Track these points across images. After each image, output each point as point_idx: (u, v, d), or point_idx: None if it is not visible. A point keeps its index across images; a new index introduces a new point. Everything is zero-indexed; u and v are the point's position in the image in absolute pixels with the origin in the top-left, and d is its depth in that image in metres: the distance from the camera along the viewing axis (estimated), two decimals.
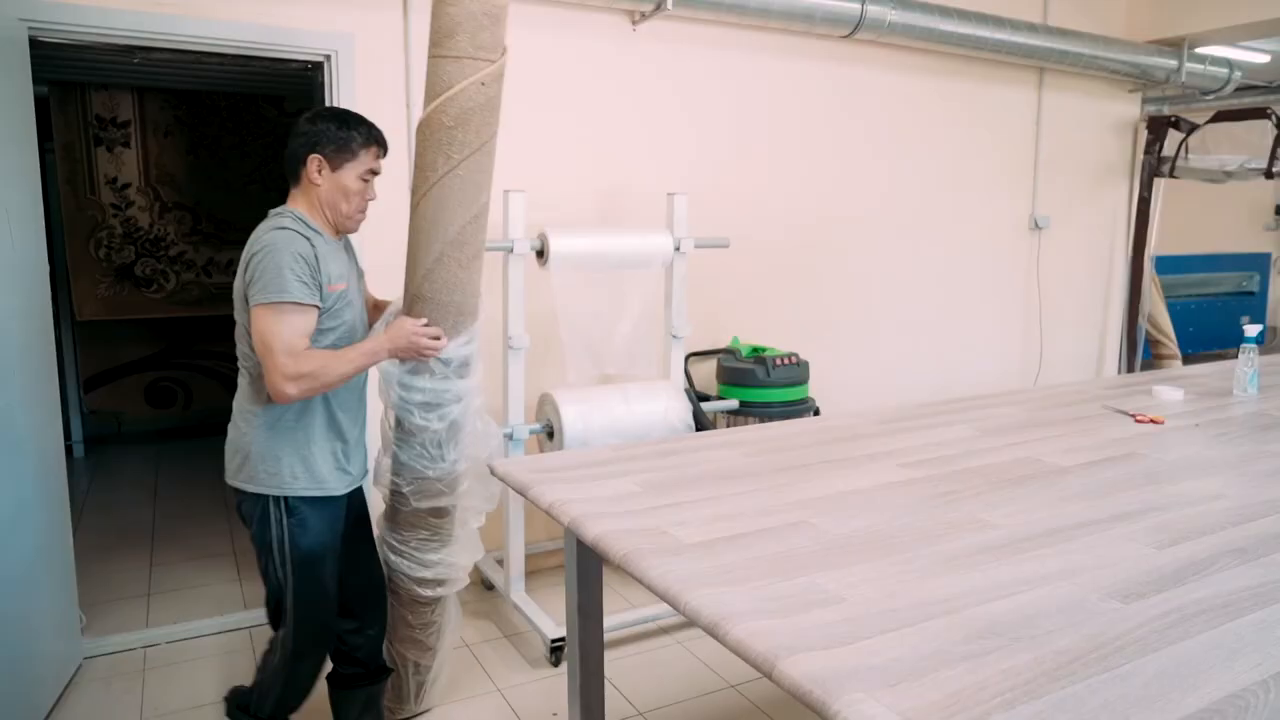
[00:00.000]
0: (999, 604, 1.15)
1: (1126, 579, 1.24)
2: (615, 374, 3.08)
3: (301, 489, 1.94)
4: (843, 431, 2.12)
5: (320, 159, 1.92)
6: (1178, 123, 4.83)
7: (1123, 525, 1.46)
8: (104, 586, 3.26)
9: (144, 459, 5.01)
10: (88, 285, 5.01)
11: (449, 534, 2.26)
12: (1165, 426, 2.18)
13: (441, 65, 1.97)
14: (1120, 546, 1.37)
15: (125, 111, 4.95)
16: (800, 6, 3.50)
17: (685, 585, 1.21)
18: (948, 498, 1.61)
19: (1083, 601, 1.16)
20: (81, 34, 2.59)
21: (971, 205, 4.51)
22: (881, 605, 1.15)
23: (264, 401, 1.91)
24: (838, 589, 1.20)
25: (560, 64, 3.33)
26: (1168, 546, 1.37)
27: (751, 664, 1.03)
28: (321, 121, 1.93)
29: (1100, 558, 1.32)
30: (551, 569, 3.43)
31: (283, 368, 1.80)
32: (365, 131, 1.97)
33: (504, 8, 2.00)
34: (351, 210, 1.98)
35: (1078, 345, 5.08)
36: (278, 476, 1.93)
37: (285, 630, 2.02)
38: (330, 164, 1.93)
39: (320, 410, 1.97)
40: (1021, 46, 4.12)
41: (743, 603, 1.15)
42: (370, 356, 1.96)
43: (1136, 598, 1.18)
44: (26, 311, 2.43)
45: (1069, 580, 1.23)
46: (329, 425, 1.99)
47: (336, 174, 1.94)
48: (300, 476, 1.94)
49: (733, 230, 3.49)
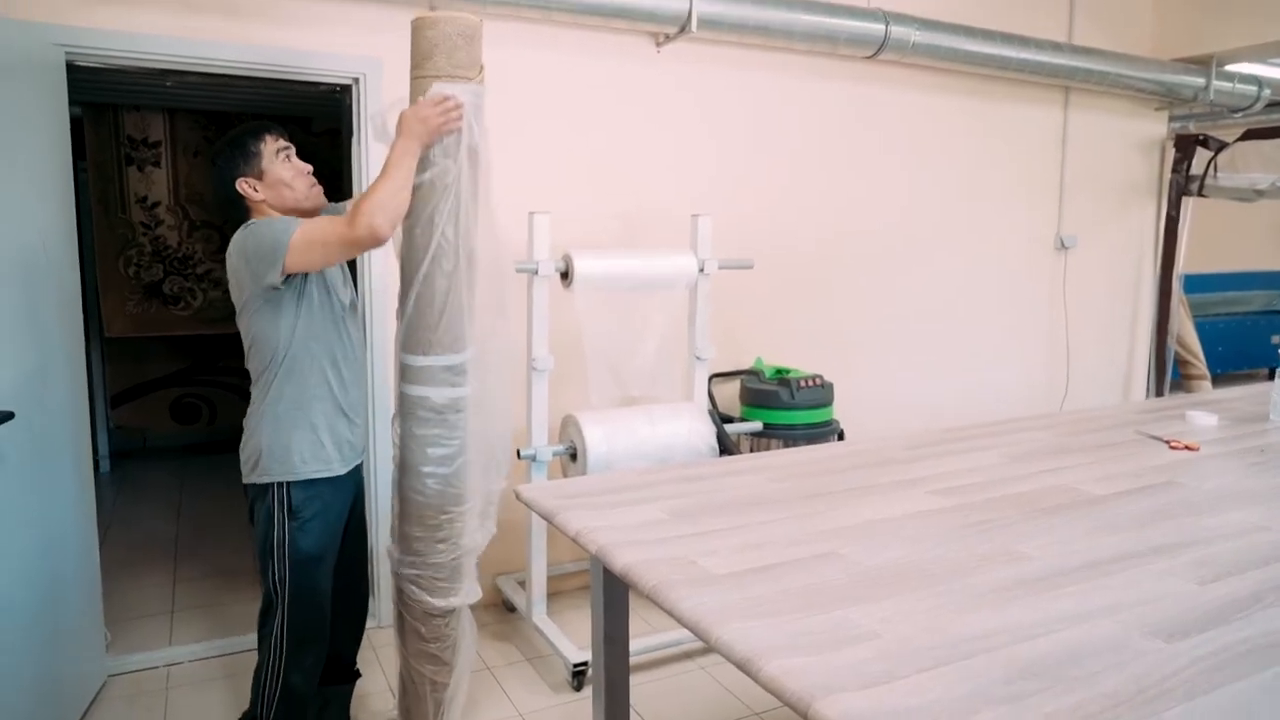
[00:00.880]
0: (1039, 642, 1.13)
1: (1169, 616, 1.21)
2: (639, 395, 3.08)
3: (311, 471, 2.01)
4: (870, 457, 2.10)
5: (244, 180, 2.03)
6: (1206, 141, 4.78)
7: (1163, 558, 1.43)
8: (128, 603, 3.28)
9: (168, 474, 5.06)
10: (117, 302, 5.08)
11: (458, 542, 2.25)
12: (1201, 453, 2.14)
13: (422, 84, 2.05)
14: (1161, 581, 1.34)
15: (156, 132, 5.03)
16: (824, 28, 3.50)
17: (716, 619, 1.19)
18: (980, 527, 1.59)
19: (1125, 640, 1.13)
20: (117, 58, 2.63)
21: (996, 225, 4.48)
22: (917, 642, 1.13)
23: (269, 394, 2.00)
24: (871, 624, 1.18)
25: (585, 86, 3.34)
26: (1210, 582, 1.33)
27: (785, 703, 1.01)
28: (219, 160, 2.05)
29: (1141, 593, 1.29)
30: (574, 590, 3.41)
31: (343, 229, 1.87)
32: (250, 132, 2.06)
33: (478, 28, 2.08)
34: (301, 190, 2.07)
35: (1105, 366, 5.01)
36: (287, 463, 2.00)
37: (276, 635, 2.05)
38: (253, 175, 2.03)
39: (326, 391, 2.04)
40: (1046, 66, 4.10)
41: (775, 638, 1.13)
42: (404, 157, 1.95)
43: (1180, 636, 1.15)
44: (61, 328, 2.46)
45: (1110, 617, 1.20)
46: (335, 405, 2.06)
47: (265, 178, 2.03)
48: (309, 460, 2.01)
49: (755, 250, 3.48)
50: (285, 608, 2.04)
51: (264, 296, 1.95)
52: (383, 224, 1.86)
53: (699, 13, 3.21)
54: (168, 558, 3.77)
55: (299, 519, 2.03)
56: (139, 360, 5.32)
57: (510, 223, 2.84)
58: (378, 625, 3.09)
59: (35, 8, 2.49)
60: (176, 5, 2.67)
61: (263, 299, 1.96)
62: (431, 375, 2.11)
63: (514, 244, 2.87)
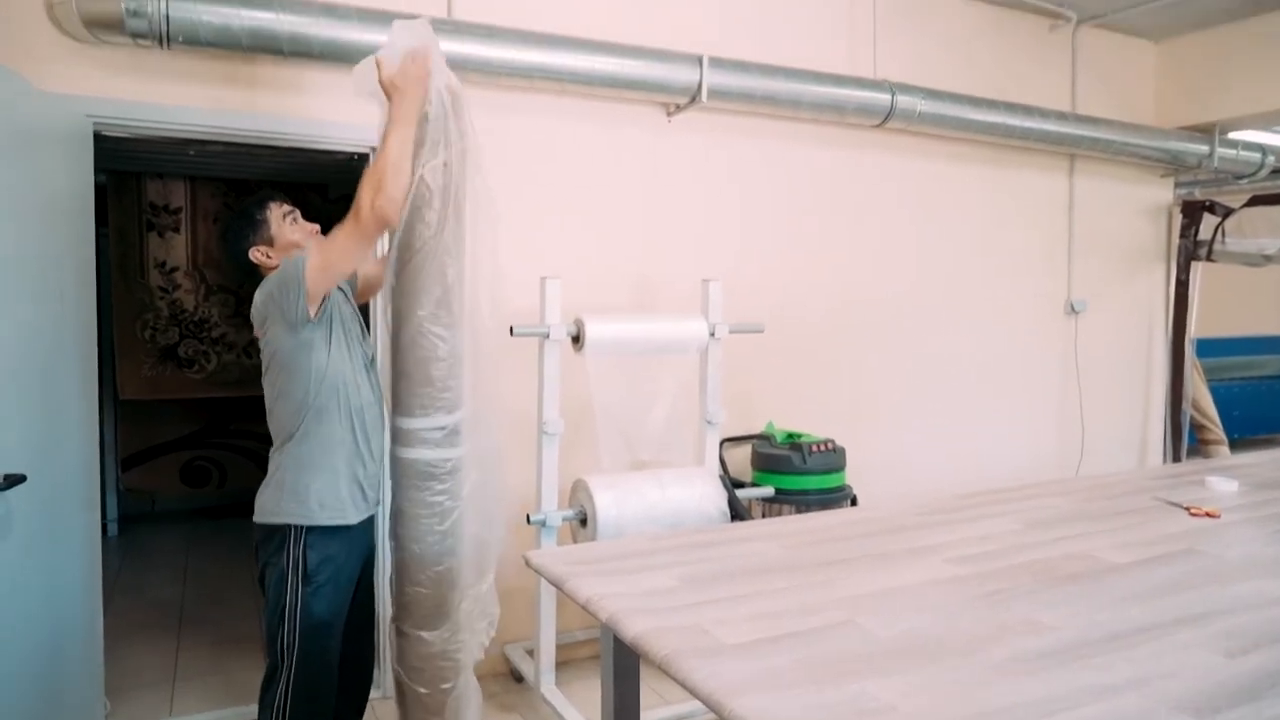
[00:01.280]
0: (1062, 717, 1.09)
1: (1198, 691, 1.17)
2: (650, 460, 3.06)
3: (326, 518, 2.01)
4: (884, 523, 2.07)
5: (256, 249, 2.10)
6: (1213, 206, 4.81)
7: (1188, 630, 1.39)
8: (129, 670, 3.22)
9: (177, 538, 5.03)
10: (132, 365, 5.12)
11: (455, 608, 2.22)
12: (1222, 520, 2.10)
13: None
14: (1188, 654, 1.30)
15: (178, 198, 5.14)
16: (831, 98, 3.58)
17: (729, 691, 1.16)
18: (998, 596, 1.55)
19: (1153, 715, 1.10)
20: (143, 128, 2.71)
21: (1006, 289, 4.49)
22: (937, 715, 1.09)
23: (294, 438, 2.01)
24: (890, 698, 1.14)
25: (598, 154, 3.41)
26: (1239, 655, 1.29)
27: None
28: (229, 235, 2.13)
29: (1167, 666, 1.25)
30: (584, 660, 3.34)
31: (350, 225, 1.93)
32: (255, 203, 2.14)
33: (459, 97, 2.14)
34: None
35: (1120, 431, 4.96)
36: (305, 504, 2.00)
37: (279, 703, 2.01)
38: (264, 242, 2.10)
39: (349, 435, 2.05)
40: (1051, 134, 4.16)
41: (790, 711, 1.10)
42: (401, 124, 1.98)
43: (1211, 712, 1.11)
44: (76, 392, 2.48)
45: (1136, 691, 1.17)
46: (356, 450, 2.07)
47: (276, 244, 2.10)
48: (327, 504, 2.01)
49: (766, 314, 3.50)
50: (291, 674, 2.00)
51: (295, 341, 1.98)
52: (384, 202, 1.92)
53: (709, 84, 3.29)
54: (172, 624, 3.72)
55: (313, 583, 2.00)
56: (151, 423, 5.34)
57: (522, 287, 2.88)
58: (382, 696, 3.02)
59: (66, 80, 2.57)
60: (201, 77, 2.75)
61: (293, 344, 1.99)
62: (423, 437, 2.13)
63: (526, 308, 2.91)
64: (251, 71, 2.82)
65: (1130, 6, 4.29)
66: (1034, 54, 4.46)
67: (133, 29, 2.50)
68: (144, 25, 2.50)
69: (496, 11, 3.09)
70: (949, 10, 4.19)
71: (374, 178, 1.93)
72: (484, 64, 2.96)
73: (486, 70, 2.98)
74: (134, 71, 2.67)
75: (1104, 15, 4.42)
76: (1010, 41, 4.37)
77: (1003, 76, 4.29)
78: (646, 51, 3.23)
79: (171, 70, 2.71)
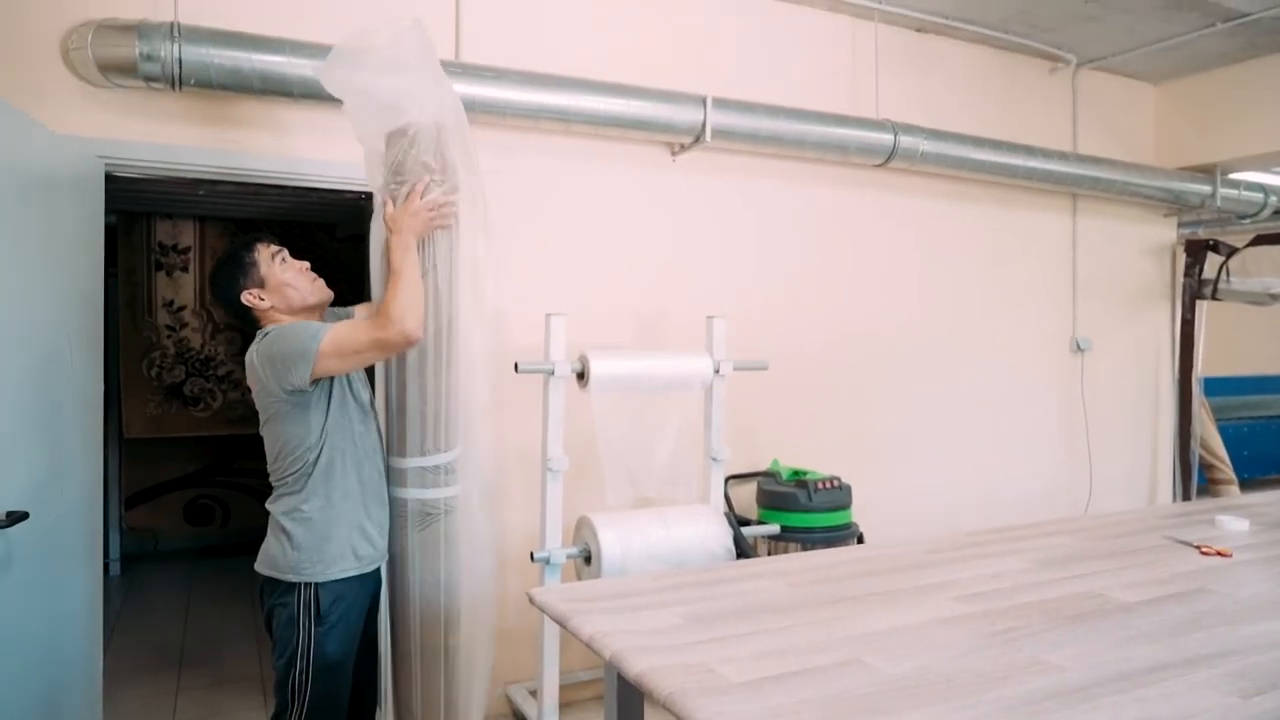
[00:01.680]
0: None
1: None
2: (654, 497, 3.04)
3: (339, 571, 1.99)
4: (891, 561, 2.04)
5: (248, 292, 2.06)
6: (1216, 246, 4.83)
7: (1200, 670, 1.37)
8: (127, 713, 3.18)
9: (179, 576, 4.99)
10: (137, 404, 5.13)
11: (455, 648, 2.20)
12: (1233, 559, 2.08)
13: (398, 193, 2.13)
14: (1201, 694, 1.27)
15: (187, 238, 5.20)
16: (834, 138, 3.62)
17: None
18: (1007, 635, 1.53)
19: None
20: (154, 168, 2.75)
21: (1010, 328, 4.49)
22: None
23: (302, 494, 1.98)
24: None
25: (603, 193, 3.45)
26: (1253, 695, 1.27)
27: None
28: (219, 281, 2.09)
29: (1180, 707, 1.23)
30: (587, 700, 3.29)
31: (377, 334, 1.93)
32: (243, 246, 2.10)
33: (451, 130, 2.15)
34: (305, 287, 2.11)
35: (1128, 470, 4.93)
36: (321, 563, 1.97)
37: None
38: (255, 284, 2.06)
39: (357, 489, 2.04)
40: (1053, 174, 4.20)
41: None
42: (407, 254, 2.01)
43: None
44: (81, 431, 2.48)
45: None
46: (362, 502, 2.05)
47: (267, 285, 2.07)
48: (342, 556, 1.99)
49: (771, 352, 3.50)
50: (303, 716, 1.96)
51: (292, 401, 1.96)
52: (414, 326, 1.94)
53: (713, 124, 3.34)
54: (172, 665, 3.68)
55: (326, 623, 1.97)
56: (155, 461, 5.34)
57: (527, 323, 2.89)
58: None
59: (79, 122, 2.62)
60: (212, 118, 2.80)
61: (291, 404, 1.96)
62: (419, 477, 2.13)
63: (530, 345, 2.92)
64: (262, 112, 2.86)
65: (1128, 50, 4.35)
66: (1035, 95, 4.51)
67: (146, 72, 2.55)
68: (157, 69, 2.55)
69: (502, 53, 3.15)
70: (951, 52, 4.25)
71: (400, 299, 1.94)
72: (490, 105, 3.01)
73: (493, 110, 3.02)
74: (146, 113, 2.72)
75: (1103, 58, 4.48)
76: (1011, 83, 4.43)
77: (1004, 117, 4.33)
78: (651, 92, 3.28)
79: (183, 112, 2.76)
